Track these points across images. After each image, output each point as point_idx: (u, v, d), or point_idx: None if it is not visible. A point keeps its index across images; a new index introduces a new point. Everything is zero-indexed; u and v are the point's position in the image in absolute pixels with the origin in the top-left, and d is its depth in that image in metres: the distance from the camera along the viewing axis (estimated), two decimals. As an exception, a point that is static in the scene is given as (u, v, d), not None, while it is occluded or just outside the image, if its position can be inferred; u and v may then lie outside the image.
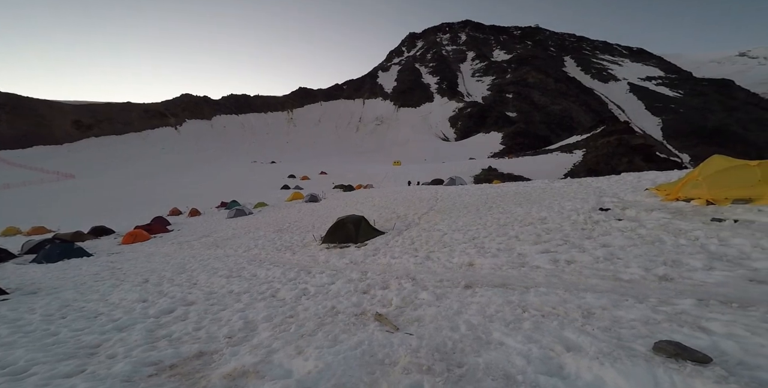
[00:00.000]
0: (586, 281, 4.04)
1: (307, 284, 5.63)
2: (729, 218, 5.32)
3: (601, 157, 46.62)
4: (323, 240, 9.79)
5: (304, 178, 55.80)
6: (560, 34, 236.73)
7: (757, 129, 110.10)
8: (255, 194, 38.04)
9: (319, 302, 4.60)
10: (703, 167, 7.10)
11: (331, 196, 28.67)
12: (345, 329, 3.49)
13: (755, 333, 2.25)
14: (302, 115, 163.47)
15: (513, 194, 12.78)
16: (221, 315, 4.60)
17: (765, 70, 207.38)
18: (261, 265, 8.04)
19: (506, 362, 2.42)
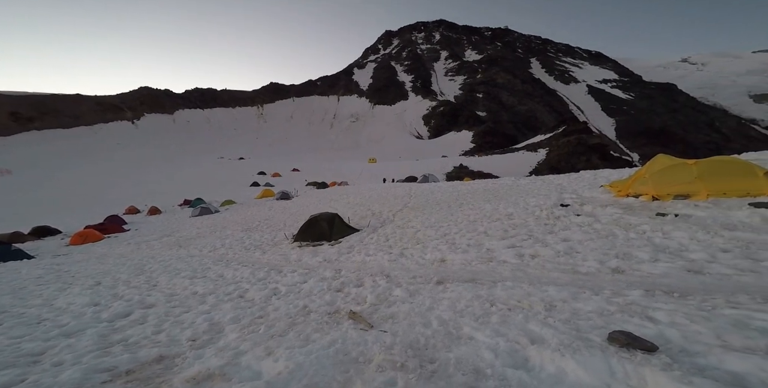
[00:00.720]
0: (548, 274, 4.21)
1: (277, 284, 5.47)
2: (671, 212, 5.77)
3: (563, 155, 49.21)
4: (295, 238, 9.54)
5: (275, 175, 54.15)
6: (527, 36, 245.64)
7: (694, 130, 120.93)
8: (222, 191, 36.36)
9: (290, 301, 4.48)
10: (649, 166, 7.66)
11: (304, 193, 27.96)
12: (318, 328, 3.42)
13: (693, 321, 2.43)
14: (273, 111, 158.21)
15: (482, 191, 13.16)
16: (184, 318, 4.37)
17: (702, 75, 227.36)
18: (228, 265, 7.71)
19: (476, 357, 2.46)
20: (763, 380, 1.76)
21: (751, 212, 5.07)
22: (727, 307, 2.63)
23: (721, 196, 6.05)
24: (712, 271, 3.54)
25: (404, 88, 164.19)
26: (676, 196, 6.57)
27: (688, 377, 1.81)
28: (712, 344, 2.14)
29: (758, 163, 6.94)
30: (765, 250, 3.86)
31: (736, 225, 4.80)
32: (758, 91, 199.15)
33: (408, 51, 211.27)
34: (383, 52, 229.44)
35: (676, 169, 6.87)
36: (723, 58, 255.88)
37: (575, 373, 2.10)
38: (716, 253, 3.96)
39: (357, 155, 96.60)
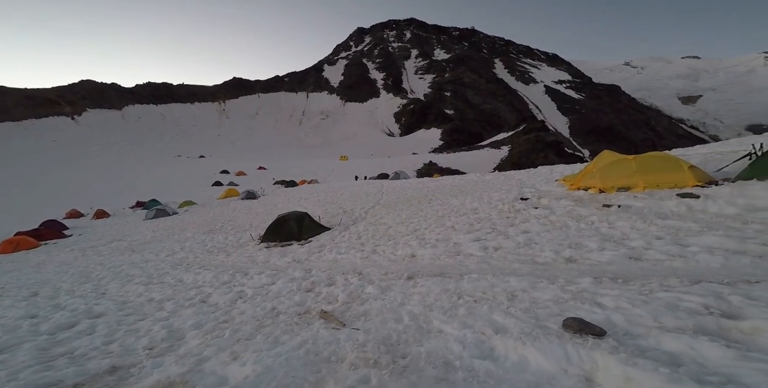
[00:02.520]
0: (510, 265, 4.37)
1: (243, 287, 5.24)
2: (615, 204, 6.23)
3: (523, 152, 51.65)
4: (262, 239, 9.16)
5: (239, 173, 51.36)
6: (492, 37, 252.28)
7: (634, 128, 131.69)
8: (180, 191, 33.95)
9: (257, 304, 4.31)
10: (596, 161, 8.22)
11: (271, 192, 26.85)
12: (287, 329, 3.32)
13: (634, 305, 2.62)
14: (237, 107, 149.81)
15: (450, 186, 13.45)
16: (139, 326, 4.08)
17: (642, 78, 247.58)
18: (188, 269, 7.27)
19: (445, 349, 2.50)
20: (693, 357, 1.92)
21: (678, 202, 5.61)
22: (661, 290, 2.86)
23: (655, 188, 6.63)
24: (649, 257, 3.85)
25: (376, 86, 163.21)
26: (619, 188, 7.11)
27: (632, 359, 1.94)
28: (650, 326, 2.31)
29: (684, 158, 7.68)
30: (690, 236, 4.26)
31: (667, 214, 5.29)
32: (685, 94, 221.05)
33: (380, 49, 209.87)
34: (355, 49, 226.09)
35: (619, 164, 7.43)
36: (658, 62, 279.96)
37: (536, 360, 2.18)
38: (652, 240, 4.31)
39: (328, 153, 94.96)
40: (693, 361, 1.90)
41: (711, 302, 2.48)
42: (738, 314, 2.29)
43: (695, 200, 5.49)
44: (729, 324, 2.19)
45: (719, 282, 2.88)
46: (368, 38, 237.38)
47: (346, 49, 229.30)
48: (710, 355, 1.90)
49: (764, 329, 2.04)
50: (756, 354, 1.85)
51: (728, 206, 5.02)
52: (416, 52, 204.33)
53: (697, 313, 2.36)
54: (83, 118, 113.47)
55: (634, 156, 7.38)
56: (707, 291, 2.68)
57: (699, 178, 6.35)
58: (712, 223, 4.62)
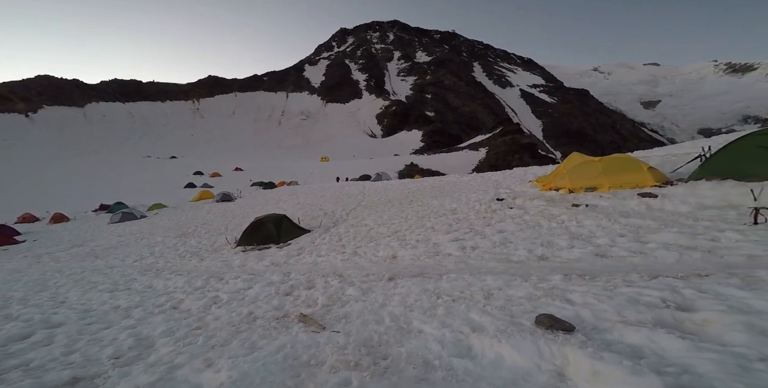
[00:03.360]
0: (486, 264, 4.48)
1: (218, 292, 5.07)
2: (583, 203, 6.53)
3: (500, 154, 53.08)
4: (238, 243, 8.90)
5: (214, 175, 49.40)
6: (471, 40, 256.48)
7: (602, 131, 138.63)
8: (149, 194, 32.28)
9: (233, 309, 4.17)
10: (566, 163, 8.59)
11: (248, 194, 26.11)
12: (264, 334, 3.24)
13: (600, 300, 2.74)
14: (212, 106, 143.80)
15: (430, 188, 13.62)
16: (103, 334, 3.85)
17: (608, 83, 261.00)
18: (158, 275, 6.96)
19: (425, 349, 2.50)
20: (653, 350, 2.02)
21: (639, 201, 5.96)
22: (624, 286, 3.01)
23: (618, 188, 7.01)
24: (613, 254, 4.05)
25: (358, 87, 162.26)
26: (587, 189, 7.46)
27: (599, 353, 2.02)
28: (614, 320, 2.42)
29: (644, 160, 8.16)
30: (649, 233, 4.53)
31: (629, 213, 5.61)
32: (646, 99, 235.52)
33: (363, 50, 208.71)
34: (337, 49, 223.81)
35: (586, 165, 7.80)
36: (622, 68, 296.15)
37: (511, 357, 2.22)
38: (615, 238, 4.55)
39: (308, 154, 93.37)
40: (653, 353, 2.00)
41: (667, 295, 2.63)
42: (691, 306, 2.45)
43: (654, 199, 5.85)
44: (683, 316, 2.33)
45: (674, 276, 3.06)
46: (351, 39, 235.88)
47: (328, 50, 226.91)
48: (668, 347, 2.01)
49: (713, 321, 2.19)
50: (706, 344, 1.97)
51: (682, 205, 5.39)
52: (399, 54, 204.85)
53: (655, 306, 2.50)
54: (39, 115, 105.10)
55: (600, 158, 7.77)
56: (664, 285, 2.85)
57: (657, 179, 6.77)
58: (668, 220, 4.94)
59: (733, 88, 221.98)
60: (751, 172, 5.63)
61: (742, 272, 2.91)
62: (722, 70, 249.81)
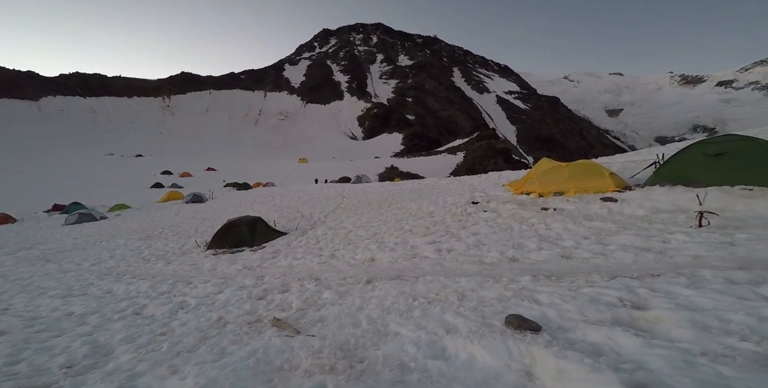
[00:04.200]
0: (461, 266, 4.55)
1: (185, 296, 4.86)
2: (551, 207, 6.84)
3: (476, 158, 54.50)
4: (209, 246, 8.58)
5: (184, 174, 47.38)
6: (452, 46, 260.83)
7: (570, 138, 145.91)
8: (111, 194, 30.45)
9: (201, 314, 4.02)
10: (536, 168, 8.97)
11: (221, 195, 25.13)
12: (235, 339, 3.13)
13: (565, 301, 2.86)
14: (184, 104, 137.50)
15: (409, 190, 13.74)
16: (54, 343, 3.61)
17: (576, 91, 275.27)
18: (119, 279, 6.58)
19: (401, 352, 2.51)
20: (611, 347, 2.13)
21: (601, 206, 6.33)
22: (586, 286, 3.16)
23: (583, 192, 7.40)
24: (577, 255, 4.25)
25: (340, 88, 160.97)
26: (555, 193, 7.83)
27: (563, 352, 2.09)
28: (577, 319, 2.52)
29: (607, 166, 8.69)
30: (610, 236, 4.80)
31: (592, 216, 5.93)
32: (611, 107, 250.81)
33: (346, 51, 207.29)
34: (319, 50, 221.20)
35: (555, 170, 8.19)
36: (590, 77, 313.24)
37: (482, 357, 2.26)
38: (580, 240, 4.78)
39: (286, 155, 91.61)
40: (611, 350, 2.10)
41: (624, 295, 2.79)
42: (644, 305, 2.61)
43: (614, 204, 6.24)
44: (638, 315, 2.47)
45: (631, 277, 3.25)
46: (334, 40, 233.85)
47: (310, 50, 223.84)
48: (624, 344, 2.12)
49: (663, 318, 2.34)
50: (657, 341, 2.10)
51: (638, 209, 5.78)
52: (382, 56, 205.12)
53: (614, 306, 2.64)
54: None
55: (567, 164, 8.19)
56: (621, 285, 3.02)
57: (617, 184, 7.21)
58: (626, 223, 5.28)
59: (686, 98, 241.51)
60: (697, 178, 6.14)
61: (688, 271, 3.15)
62: (677, 82, 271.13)
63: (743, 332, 2.07)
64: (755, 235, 3.97)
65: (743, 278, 2.82)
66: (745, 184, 5.56)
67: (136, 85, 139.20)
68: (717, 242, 3.93)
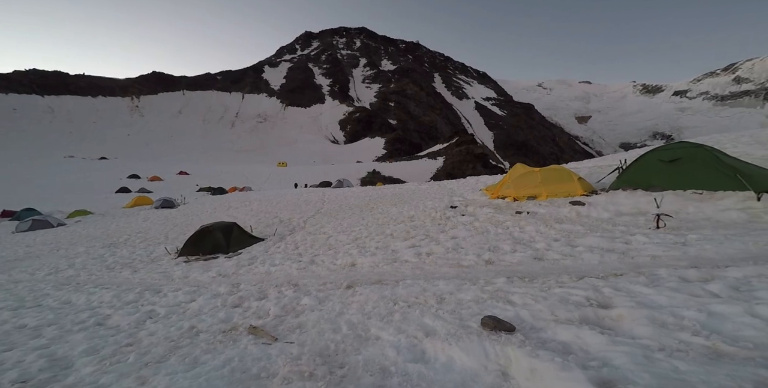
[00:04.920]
0: (440, 269, 4.62)
1: (154, 306, 4.64)
2: (525, 210, 7.11)
3: (456, 163, 55.65)
4: (181, 253, 8.26)
5: (154, 178, 44.89)
6: (434, 52, 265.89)
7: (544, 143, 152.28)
8: (71, 199, 28.59)
9: (171, 323, 3.85)
10: (511, 172, 9.30)
11: (194, 200, 24.12)
12: (208, 348, 3.02)
13: (537, 301, 2.96)
14: (155, 104, 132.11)
15: (390, 195, 13.82)
16: (4, 357, 3.37)
17: (549, 99, 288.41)
18: (79, 289, 6.20)
19: (381, 356, 2.49)
20: (579, 346, 2.21)
21: (570, 209, 6.64)
22: (556, 286, 3.29)
23: (554, 196, 7.75)
24: (549, 257, 4.43)
25: (321, 92, 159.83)
26: (529, 197, 8.14)
27: (535, 351, 2.15)
28: (548, 319, 2.61)
29: (576, 171, 9.15)
30: (578, 238, 5.04)
31: (563, 219, 6.22)
32: (580, 114, 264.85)
33: (328, 54, 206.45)
34: (301, 52, 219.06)
35: (528, 175, 8.53)
36: (562, 85, 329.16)
37: (461, 359, 2.28)
38: (551, 242, 4.98)
39: (264, 158, 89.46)
40: (580, 349, 2.18)
41: (591, 294, 2.93)
42: (609, 303, 2.74)
43: (582, 207, 6.57)
44: (603, 313, 2.60)
45: (597, 277, 3.42)
46: (316, 43, 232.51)
47: (291, 52, 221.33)
48: (591, 342, 2.21)
49: (625, 316, 2.47)
50: (620, 338, 2.20)
51: (604, 212, 6.12)
52: (365, 61, 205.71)
53: (581, 305, 2.76)
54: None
55: (540, 169, 8.55)
56: (588, 285, 3.17)
57: (585, 189, 7.61)
58: (593, 226, 5.57)
59: (647, 106, 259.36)
60: (654, 183, 6.59)
61: (647, 271, 3.35)
62: (639, 91, 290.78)
63: (695, 328, 2.21)
64: (704, 235, 4.31)
65: (694, 275, 3.04)
66: (695, 188, 6.03)
67: (101, 84, 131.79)
68: (672, 242, 4.22)
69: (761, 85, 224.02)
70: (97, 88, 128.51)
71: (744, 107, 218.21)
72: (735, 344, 1.98)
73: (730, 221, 4.87)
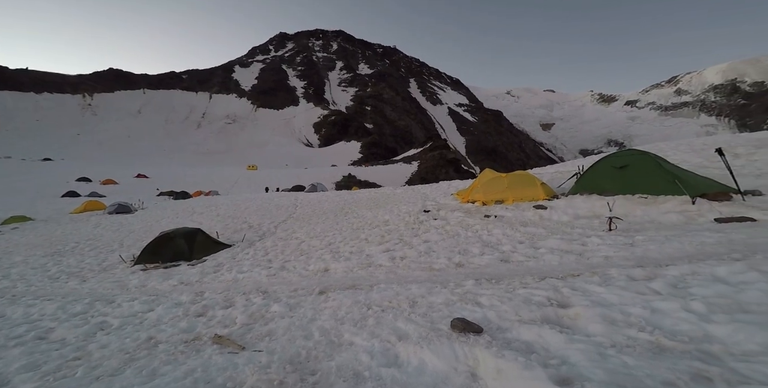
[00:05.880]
0: (413, 273, 4.67)
1: (106, 317, 4.31)
2: (492, 214, 7.41)
3: (429, 168, 56.79)
4: (137, 260, 7.78)
5: (107, 182, 41.51)
6: (410, 57, 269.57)
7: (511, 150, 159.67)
8: (6, 203, 25.88)
9: (126, 335, 3.60)
10: (480, 178, 9.67)
11: (153, 205, 22.59)
12: (168, 360, 2.85)
13: (503, 302, 3.07)
14: (110, 103, 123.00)
15: (366, 199, 13.79)
16: None
17: (517, 106, 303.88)
18: (15, 301, 5.66)
19: (355, 361, 2.47)
20: (541, 345, 2.30)
21: (534, 213, 7.03)
22: (521, 287, 3.43)
23: (520, 201, 8.15)
24: (514, 259, 4.64)
25: (295, 94, 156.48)
26: (496, 201, 8.50)
27: (501, 352, 2.22)
28: (513, 319, 2.71)
29: (539, 176, 9.69)
30: (540, 240, 5.32)
31: (527, 222, 6.55)
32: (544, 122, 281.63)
33: (303, 56, 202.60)
34: (274, 53, 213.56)
35: (495, 180, 8.91)
36: (528, 93, 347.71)
37: (432, 362, 2.30)
38: (516, 244, 5.23)
39: (233, 161, 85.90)
40: (542, 348, 2.27)
41: (551, 294, 3.09)
42: (567, 303, 2.90)
43: (544, 211, 6.97)
44: (562, 312, 2.74)
45: (557, 277, 3.62)
46: (291, 44, 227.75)
47: (264, 53, 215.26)
48: (551, 341, 2.31)
49: (581, 315, 2.63)
50: (577, 336, 2.32)
51: (563, 215, 6.53)
52: (341, 64, 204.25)
53: (543, 305, 2.90)
54: None
55: (506, 174, 8.97)
56: (549, 286, 3.34)
57: (547, 193, 8.08)
58: (554, 229, 5.91)
59: (603, 115, 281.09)
60: (607, 188, 7.15)
61: (600, 271, 3.60)
62: (596, 100, 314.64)
63: (641, 324, 2.38)
64: (648, 236, 4.73)
65: (640, 274, 3.32)
66: (642, 193, 6.62)
67: (47, 79, 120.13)
68: (621, 243, 4.58)
69: (697, 98, 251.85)
70: (42, 84, 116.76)
71: (683, 117, 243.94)
72: (674, 339, 2.16)
73: (670, 223, 5.38)
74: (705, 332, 2.18)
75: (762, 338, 2.00)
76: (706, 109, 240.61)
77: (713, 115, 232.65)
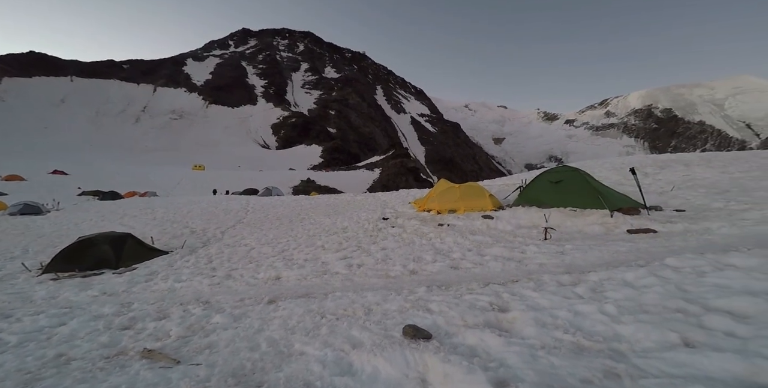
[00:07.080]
0: (369, 280, 4.68)
1: (1, 333, 3.74)
2: (446, 223, 7.79)
3: (391, 175, 57.73)
4: (46, 269, 6.80)
5: (11, 178, 35.96)
6: (378, 64, 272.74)
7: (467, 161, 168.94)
8: None
9: (28, 352, 3.14)
10: (436, 187, 10.13)
11: (72, 206, 20.15)
12: (84, 377, 2.54)
13: (451, 308, 3.21)
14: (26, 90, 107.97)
15: (325, 205, 13.57)
16: None
17: (473, 119, 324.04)
18: None
19: (306, 371, 2.40)
20: (483, 348, 2.43)
21: (482, 222, 7.55)
22: (467, 293, 3.64)
23: (470, 210, 8.70)
24: (463, 266, 4.91)
25: (254, 92, 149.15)
26: (450, 211, 8.96)
27: (448, 356, 2.30)
28: (459, 324, 2.84)
29: (488, 188, 10.42)
30: (486, 248, 5.72)
31: (476, 231, 7.01)
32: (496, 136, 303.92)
33: (266, 54, 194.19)
34: (234, 49, 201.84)
35: (449, 191, 9.41)
36: (484, 107, 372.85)
37: (385, 369, 2.31)
38: (465, 252, 5.54)
39: (177, 160, 79.03)
40: (483, 351, 2.34)
41: (493, 299, 3.32)
42: (506, 307, 3.14)
43: (491, 220, 7.52)
44: (501, 316, 2.95)
45: (499, 283, 3.91)
46: (254, 41, 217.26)
47: (223, 48, 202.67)
48: (492, 344, 2.45)
49: (518, 318, 2.86)
50: (514, 339, 2.49)
51: (507, 225, 7.12)
52: (307, 65, 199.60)
53: (486, 310, 3.10)
54: None
55: (459, 185, 9.52)
56: (492, 291, 3.59)
57: (494, 204, 8.74)
58: (499, 237, 6.40)
59: (546, 132, 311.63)
60: (544, 200, 7.96)
61: (535, 277, 3.98)
62: (541, 117, 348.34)
63: (565, 326, 2.61)
64: (576, 245, 5.36)
65: (567, 280, 3.74)
66: (572, 206, 7.49)
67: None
68: (554, 251, 5.12)
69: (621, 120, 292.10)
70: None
71: (610, 137, 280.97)
72: (591, 339, 2.42)
73: (593, 234, 6.16)
74: (615, 332, 2.47)
75: (656, 336, 2.32)
76: (627, 131, 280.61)
77: (633, 136, 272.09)
